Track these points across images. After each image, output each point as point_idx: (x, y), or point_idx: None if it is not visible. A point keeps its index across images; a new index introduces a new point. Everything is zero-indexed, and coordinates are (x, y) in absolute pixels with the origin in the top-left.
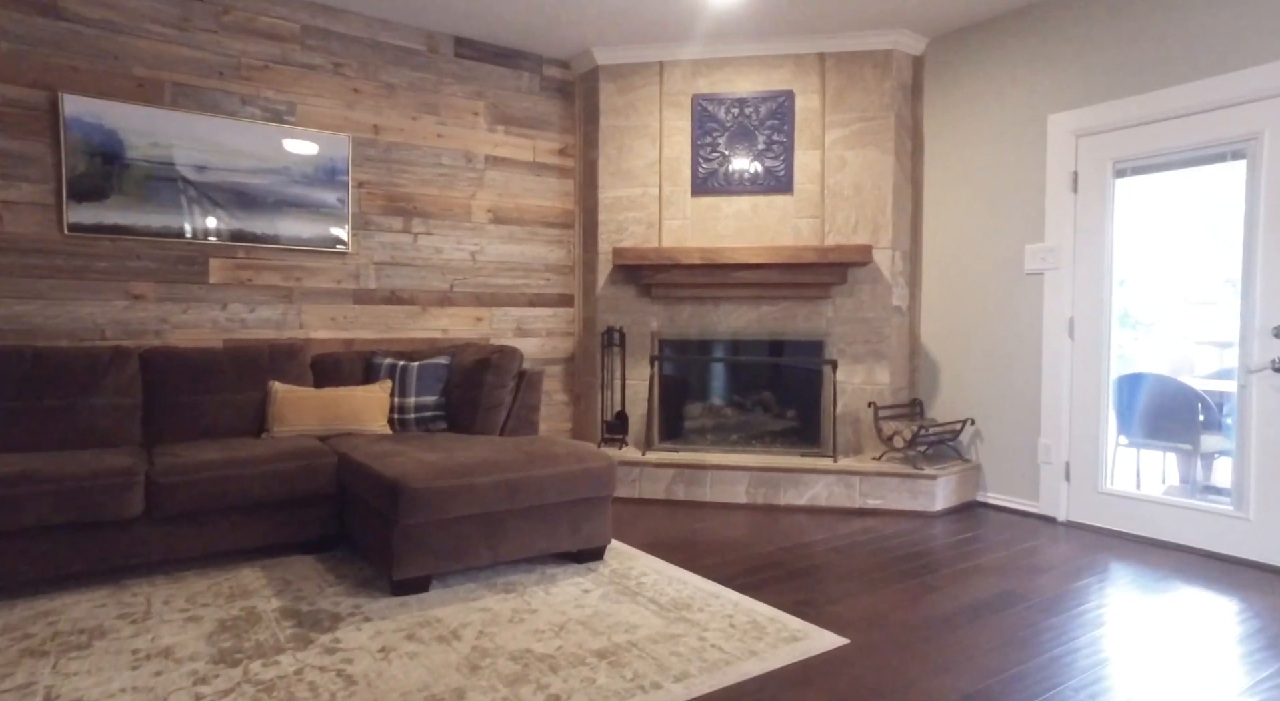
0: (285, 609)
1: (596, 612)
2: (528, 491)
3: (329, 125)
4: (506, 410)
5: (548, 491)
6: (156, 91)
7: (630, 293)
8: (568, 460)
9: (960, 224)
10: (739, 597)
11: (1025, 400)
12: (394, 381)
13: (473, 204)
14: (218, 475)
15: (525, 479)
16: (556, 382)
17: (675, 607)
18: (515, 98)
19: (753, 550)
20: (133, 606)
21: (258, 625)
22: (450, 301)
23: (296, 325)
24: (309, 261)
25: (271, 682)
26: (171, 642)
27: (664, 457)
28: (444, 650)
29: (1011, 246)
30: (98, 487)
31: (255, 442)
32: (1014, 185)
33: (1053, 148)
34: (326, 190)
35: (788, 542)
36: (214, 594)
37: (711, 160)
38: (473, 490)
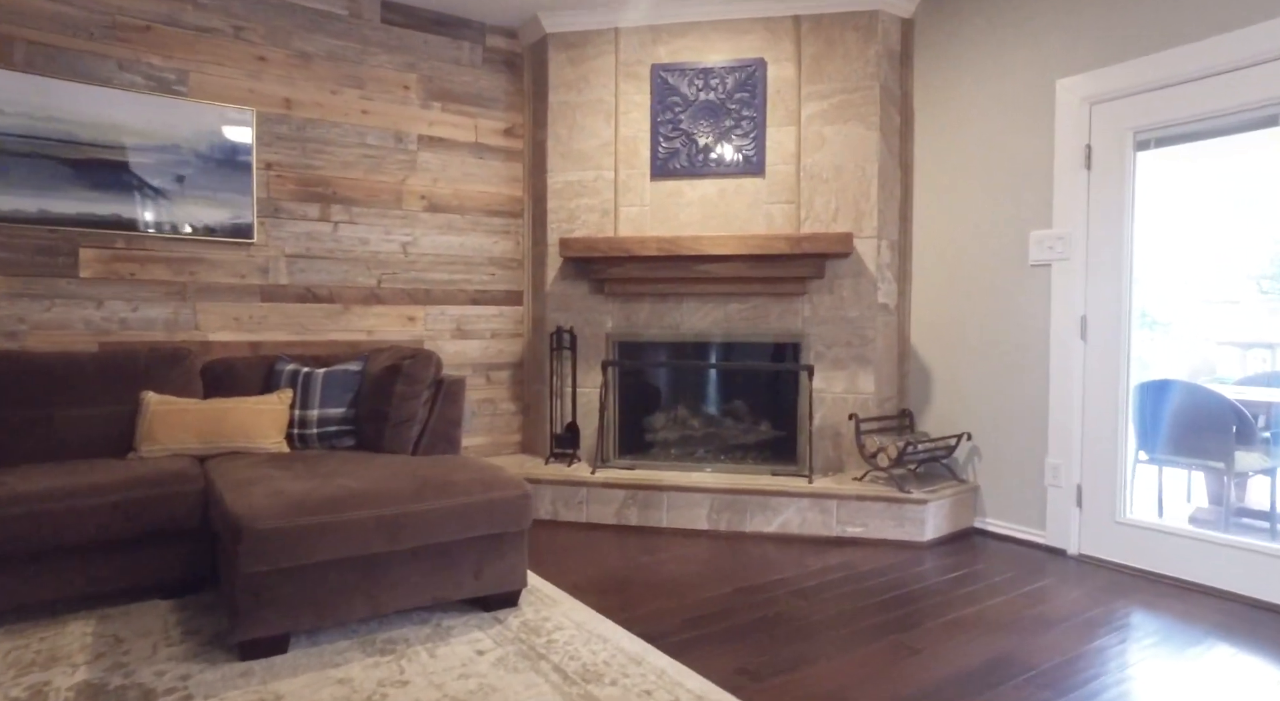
0: (86, 685)
1: (482, 686)
2: (415, 529)
3: (230, 97)
4: (421, 425)
5: (442, 528)
6: (5, 51)
7: (582, 289)
8: (471, 489)
9: (955, 210)
10: (667, 662)
11: (1030, 412)
12: (295, 391)
13: (404, 190)
14: (39, 509)
15: (413, 514)
16: (504, 390)
17: (583, 678)
18: (454, 71)
19: (702, 592)
20: None
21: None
22: (378, 299)
23: (191, 326)
24: (206, 253)
25: None
26: None
27: (615, 476)
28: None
29: (1014, 235)
30: None
31: (110, 466)
32: (1017, 164)
33: (1062, 118)
34: (227, 172)
35: (746, 581)
36: (9, 662)
37: (673, 139)
38: (343, 529)
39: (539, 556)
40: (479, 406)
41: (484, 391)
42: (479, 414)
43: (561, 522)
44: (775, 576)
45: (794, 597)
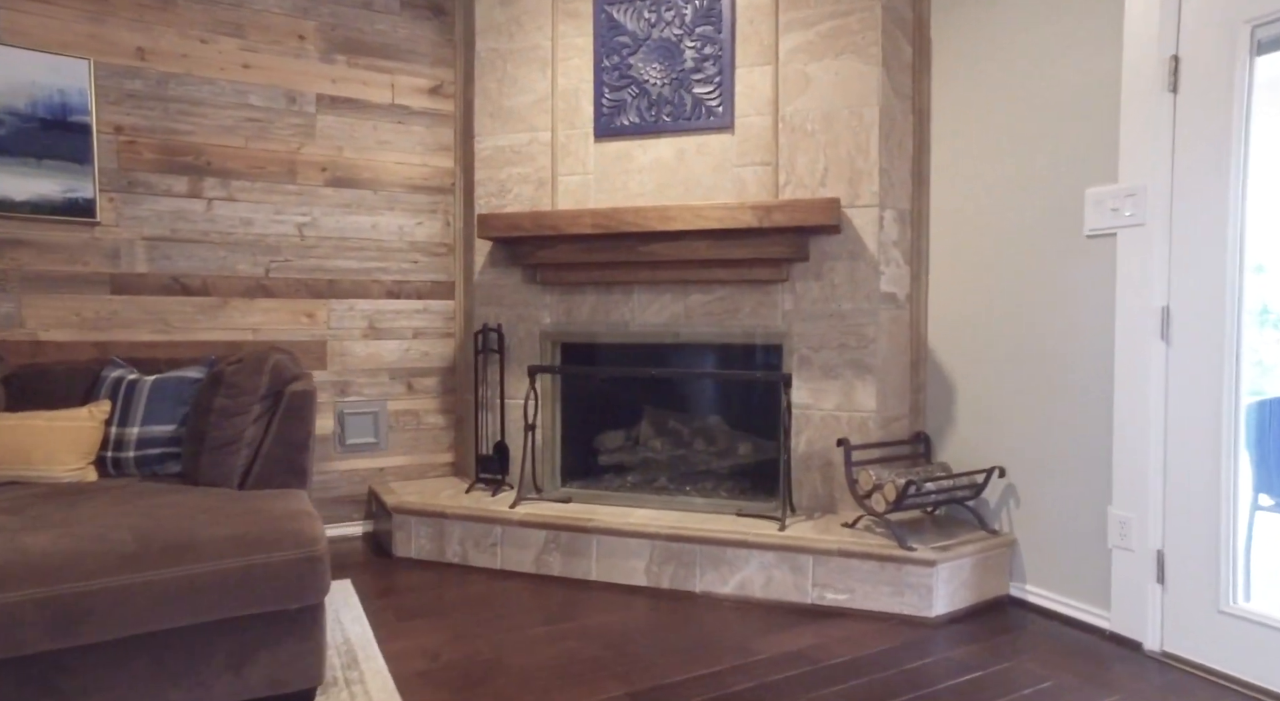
0: None
1: None
2: (110, 615)
3: (62, 45)
4: (251, 448)
5: (164, 610)
6: None
7: (514, 279)
8: (221, 550)
9: (985, 165)
10: None
11: (1086, 440)
12: (115, 403)
13: (299, 160)
14: None
15: (107, 591)
16: (430, 400)
17: None
18: (363, 18)
19: (599, 692)
20: None
21: None
22: (266, 291)
23: (15, 323)
24: (33, 234)
25: None
26: None
27: (535, 513)
28: None
29: (1063, 194)
30: None
31: None
32: (1068, 94)
33: (1135, 16)
34: (56, 135)
35: (666, 677)
36: None
37: (620, 89)
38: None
39: (412, 612)
40: (397, 419)
41: (404, 402)
42: (397, 428)
43: (470, 568)
44: (708, 668)
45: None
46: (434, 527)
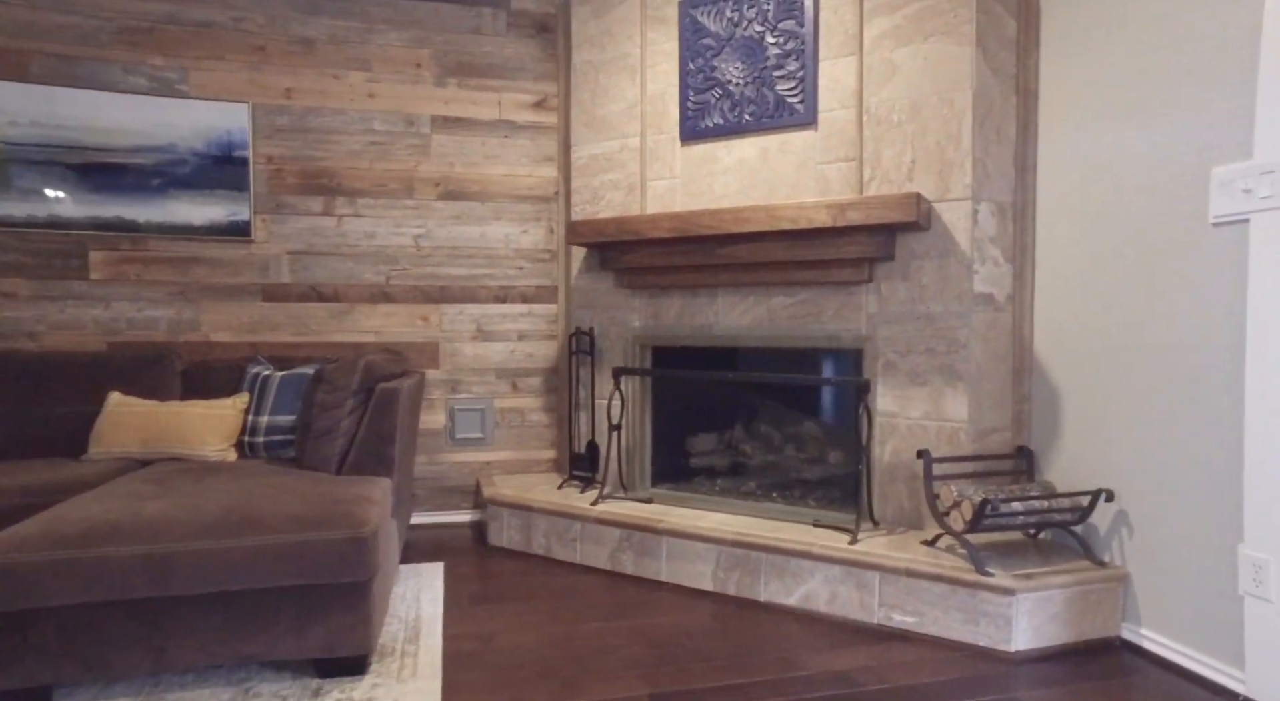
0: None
1: None
2: (193, 571)
3: (230, 91)
4: (347, 438)
5: (234, 572)
6: (20, 64)
7: (606, 283)
8: (281, 526)
9: (1101, 149)
10: None
11: (1212, 465)
12: (252, 395)
13: (415, 177)
14: None
15: (189, 553)
16: (534, 399)
17: None
18: (472, 42)
19: (616, 693)
20: None
21: None
22: (387, 297)
23: (194, 326)
24: (206, 252)
25: None
26: None
27: (612, 512)
28: None
29: (1182, 175)
30: None
31: (24, 467)
32: (1196, 54)
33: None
34: (224, 169)
35: (693, 682)
36: None
37: (705, 91)
38: (93, 567)
39: (485, 598)
40: (502, 417)
41: (509, 400)
42: (503, 425)
43: (552, 560)
44: (747, 677)
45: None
46: (522, 520)
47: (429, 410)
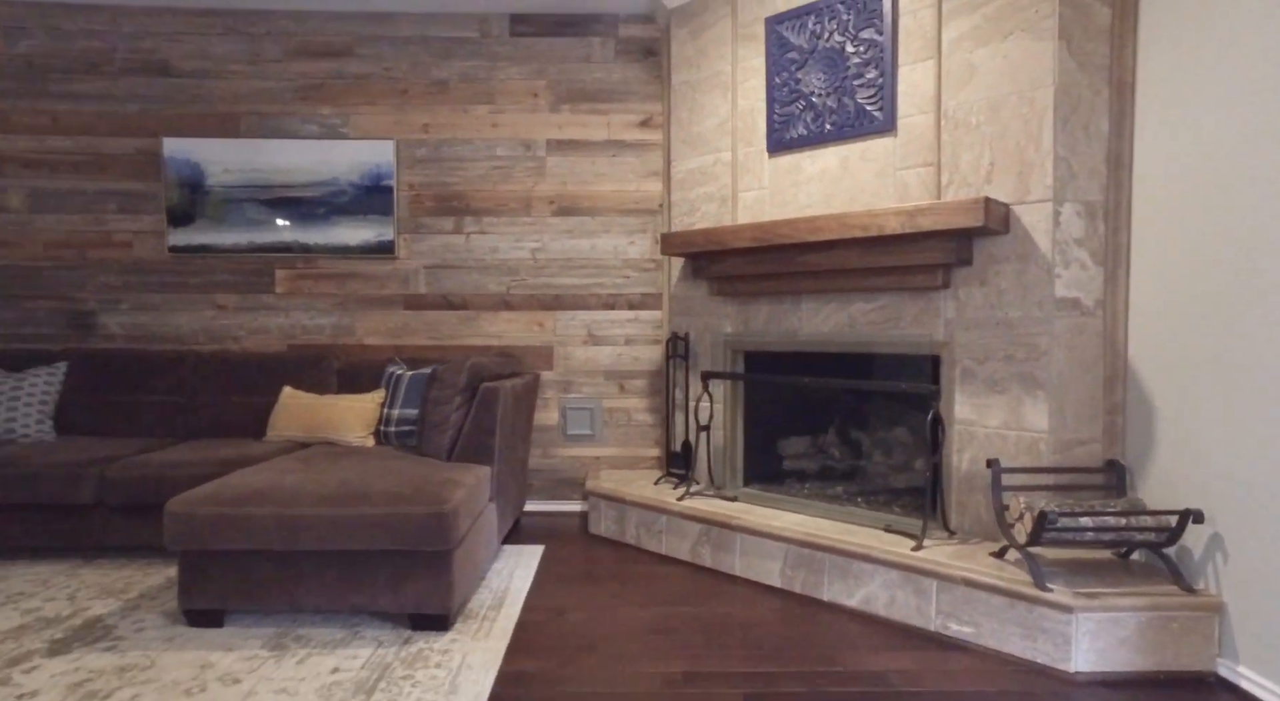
0: (76, 617)
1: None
2: (314, 532)
3: (379, 131)
4: (455, 429)
5: (343, 535)
6: (234, 123)
7: (701, 291)
8: (379, 501)
9: (1205, 141)
10: None
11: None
12: (387, 391)
13: (532, 196)
14: (154, 474)
15: (310, 516)
16: (640, 400)
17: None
18: (583, 70)
19: (656, 670)
20: None
21: (48, 626)
22: (508, 305)
23: (350, 331)
24: (360, 267)
25: None
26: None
27: (694, 507)
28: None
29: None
30: (72, 476)
31: (221, 445)
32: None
33: None
34: (374, 197)
35: (729, 667)
36: (53, 587)
37: (789, 104)
38: (241, 523)
39: (570, 579)
40: (610, 416)
41: (617, 400)
42: (611, 423)
43: (640, 550)
44: (782, 667)
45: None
46: (617, 511)
47: (543, 408)
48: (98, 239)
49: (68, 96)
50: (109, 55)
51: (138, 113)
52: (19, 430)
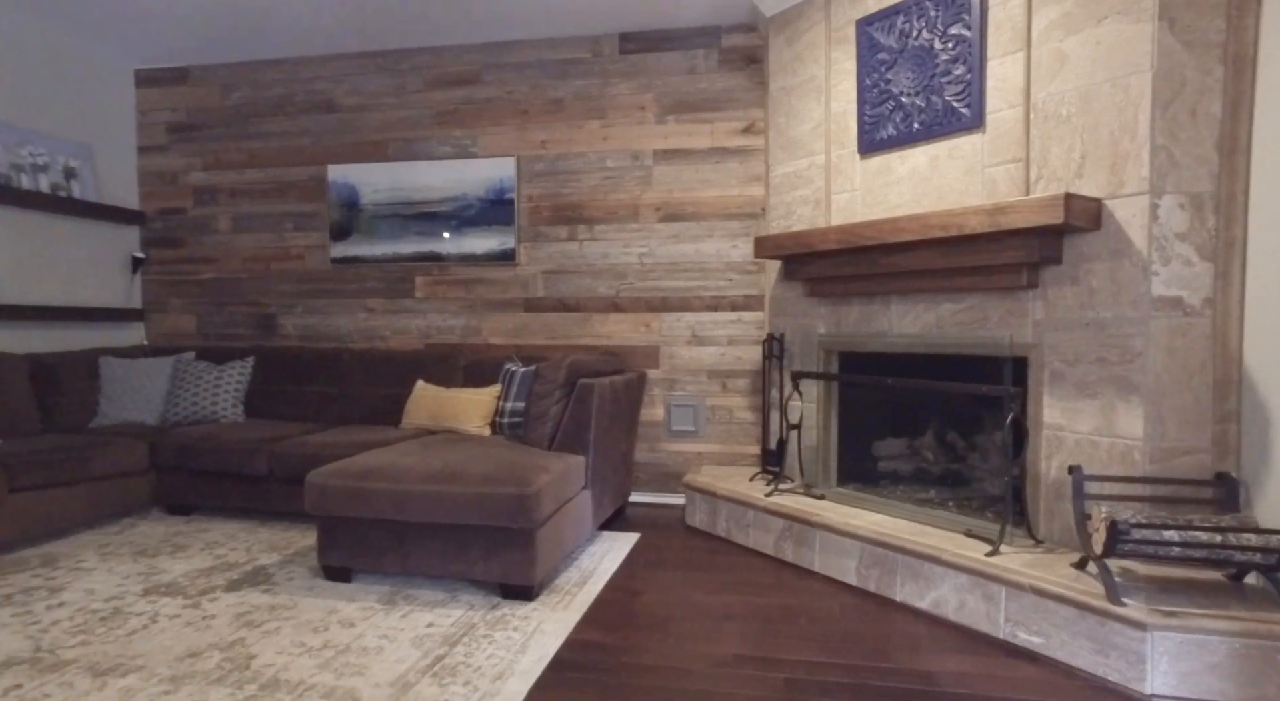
0: (249, 564)
1: (366, 651)
2: (417, 505)
3: (503, 148)
4: (554, 422)
5: (441, 509)
6: (382, 149)
7: (796, 292)
8: (472, 482)
9: None
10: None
11: None
12: (503, 386)
13: (640, 204)
14: (310, 452)
15: (415, 492)
16: (741, 399)
17: (441, 680)
18: (688, 82)
19: (712, 650)
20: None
21: (229, 569)
22: (617, 308)
23: (477, 332)
24: (486, 273)
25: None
26: (178, 569)
27: (779, 504)
28: (258, 631)
29: None
30: (251, 451)
31: (364, 431)
32: None
33: None
34: (497, 209)
35: (779, 652)
36: (237, 540)
37: (880, 105)
38: (362, 495)
39: (657, 565)
40: (713, 413)
41: (719, 398)
42: (713, 421)
43: (729, 542)
44: (829, 657)
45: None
46: (710, 505)
47: (649, 405)
48: (279, 253)
49: (260, 135)
50: (290, 99)
51: (310, 145)
52: (219, 413)
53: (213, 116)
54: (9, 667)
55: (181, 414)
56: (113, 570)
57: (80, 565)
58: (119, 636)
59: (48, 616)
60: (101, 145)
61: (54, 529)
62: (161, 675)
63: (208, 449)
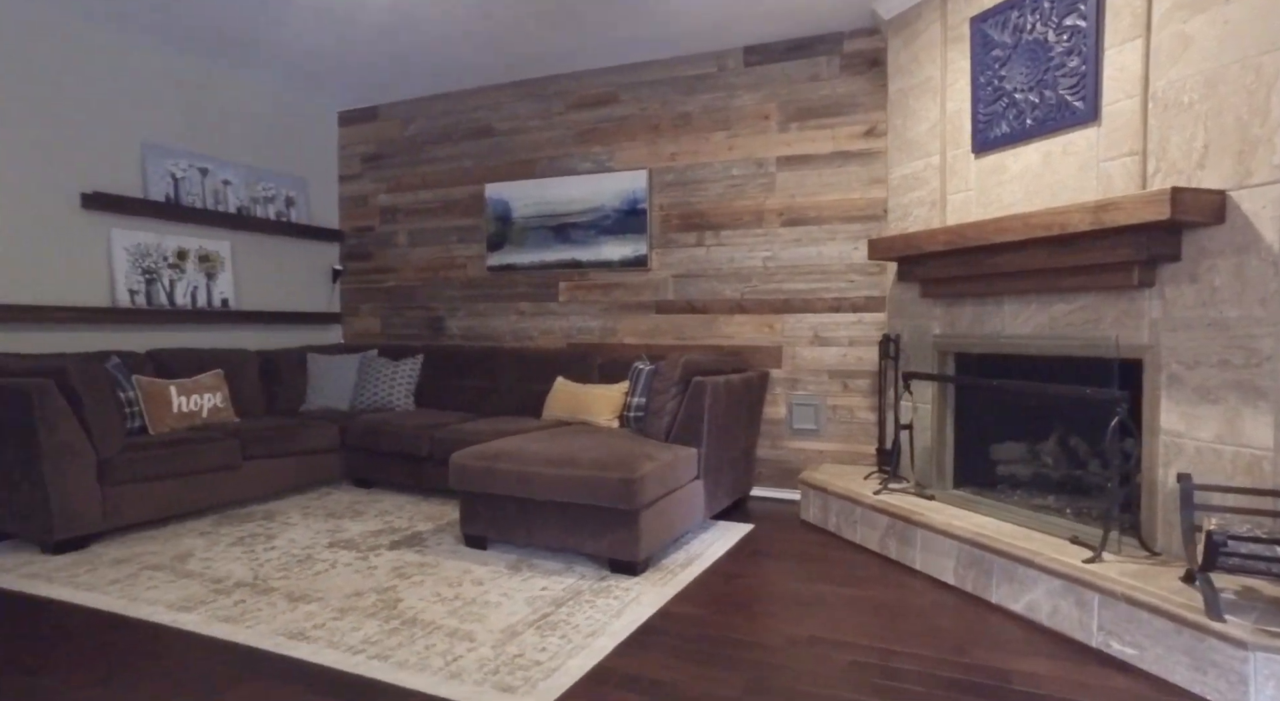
0: (409, 529)
1: (487, 606)
2: (537, 485)
3: (636, 162)
4: (671, 416)
5: (556, 489)
6: (531, 167)
7: (912, 293)
8: (583, 466)
9: None
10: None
11: None
12: (631, 383)
13: (764, 209)
14: (461, 438)
15: (534, 473)
16: (862, 399)
17: (535, 628)
18: (810, 88)
19: (788, 631)
20: (372, 504)
21: (393, 532)
22: (741, 309)
23: (612, 332)
24: (621, 278)
25: (325, 559)
26: (355, 529)
27: (886, 501)
28: (413, 585)
29: None
30: (416, 436)
31: (509, 421)
32: None
33: None
34: (631, 219)
35: (851, 637)
36: (403, 510)
37: (993, 103)
38: (494, 474)
39: (763, 554)
40: (833, 413)
41: (840, 398)
42: (834, 420)
43: (837, 537)
44: (903, 646)
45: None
46: (822, 500)
47: (772, 403)
48: (446, 263)
49: (431, 160)
50: (455, 127)
51: (471, 166)
52: (394, 402)
53: (395, 146)
54: (238, 588)
55: (366, 402)
56: (310, 526)
57: (288, 521)
58: (308, 575)
59: (264, 555)
60: (313, 177)
61: (272, 491)
62: (334, 606)
63: (383, 432)
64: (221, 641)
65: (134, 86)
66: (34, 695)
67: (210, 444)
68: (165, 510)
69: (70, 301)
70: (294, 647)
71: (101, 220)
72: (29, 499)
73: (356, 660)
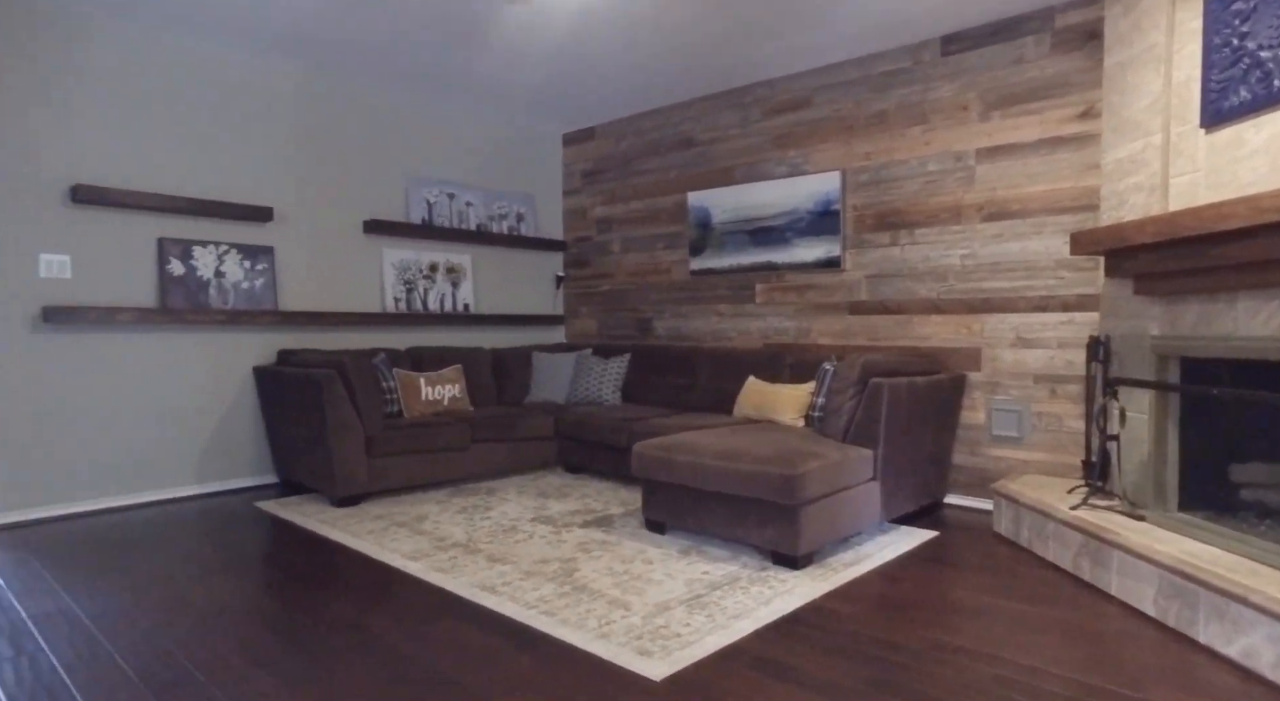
0: (602, 512)
1: (650, 584)
2: (707, 476)
3: (829, 163)
4: (849, 416)
5: (723, 481)
6: (729, 174)
7: (1126, 290)
8: (746, 461)
9: None
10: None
11: None
12: (818, 383)
13: (962, 205)
14: (655, 431)
15: (705, 465)
16: (1073, 406)
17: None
18: (1014, 72)
19: (935, 646)
20: (561, 486)
21: (588, 513)
22: (937, 309)
23: (806, 333)
24: (814, 280)
25: (529, 531)
26: (557, 508)
27: (1081, 518)
28: (592, 558)
29: None
30: (617, 428)
31: (698, 418)
32: None
33: None
34: (824, 221)
35: (1004, 652)
36: (602, 495)
37: (1231, 67)
38: (670, 464)
39: (935, 562)
40: (1039, 420)
41: (1046, 405)
42: (1039, 428)
43: (1027, 552)
44: (1072, 672)
45: None
46: (1014, 512)
47: (970, 408)
48: (652, 268)
49: (640, 173)
50: (661, 140)
51: (675, 176)
52: (603, 397)
53: (609, 162)
54: (454, 546)
55: (579, 396)
56: (521, 502)
57: (505, 497)
58: (509, 543)
59: (479, 523)
60: (540, 193)
61: (495, 471)
62: (522, 569)
63: (589, 424)
64: (434, 586)
65: (398, 130)
66: (319, 609)
67: (447, 427)
68: (413, 480)
69: (353, 308)
70: (485, 598)
71: (377, 242)
72: (321, 463)
73: (529, 613)
